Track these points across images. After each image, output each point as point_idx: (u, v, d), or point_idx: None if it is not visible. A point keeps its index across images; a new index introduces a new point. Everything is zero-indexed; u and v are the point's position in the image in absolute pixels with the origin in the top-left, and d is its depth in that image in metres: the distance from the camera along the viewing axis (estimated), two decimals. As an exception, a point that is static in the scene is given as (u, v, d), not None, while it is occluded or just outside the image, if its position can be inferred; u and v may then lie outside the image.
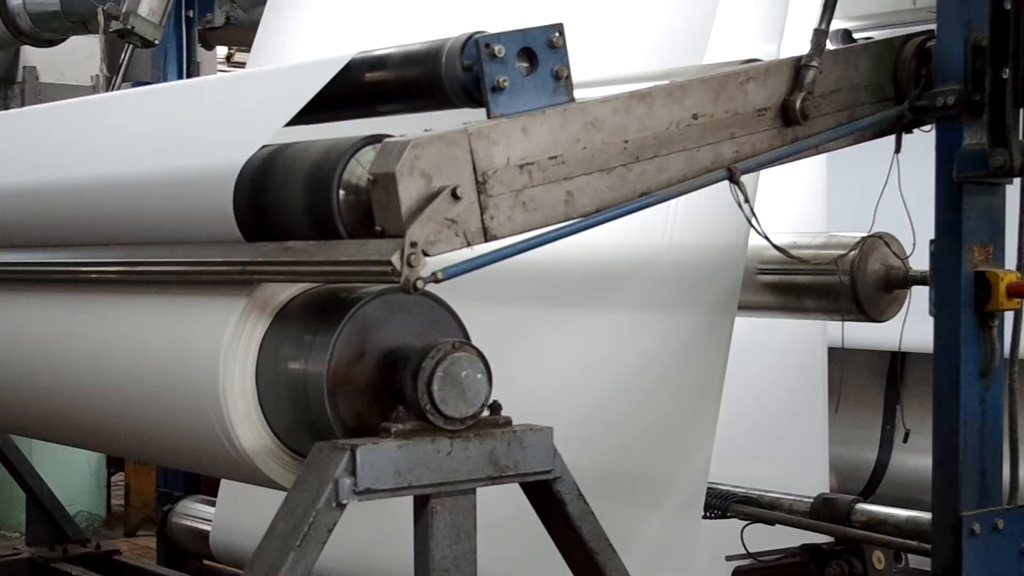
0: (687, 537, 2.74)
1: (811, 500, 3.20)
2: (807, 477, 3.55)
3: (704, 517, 2.94)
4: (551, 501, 2.15)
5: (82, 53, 7.09)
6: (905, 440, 3.53)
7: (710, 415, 2.72)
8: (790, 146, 2.38)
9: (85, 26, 6.40)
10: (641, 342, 2.83)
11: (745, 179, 2.31)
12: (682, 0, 2.82)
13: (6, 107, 7.11)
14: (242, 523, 3.50)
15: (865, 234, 3.13)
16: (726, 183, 2.29)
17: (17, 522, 6.43)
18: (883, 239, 3.14)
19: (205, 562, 3.97)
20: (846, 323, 3.15)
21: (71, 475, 6.75)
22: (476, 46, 2.07)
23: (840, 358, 3.67)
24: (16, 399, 2.77)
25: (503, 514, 2.25)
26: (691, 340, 2.77)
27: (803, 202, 3.59)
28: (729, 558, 3.15)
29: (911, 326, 3.15)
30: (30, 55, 7.25)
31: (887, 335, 3.24)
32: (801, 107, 2.35)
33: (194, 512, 4.04)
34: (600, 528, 2.18)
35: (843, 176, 3.72)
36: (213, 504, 3.82)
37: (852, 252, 3.11)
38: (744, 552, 3.15)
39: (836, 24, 2.56)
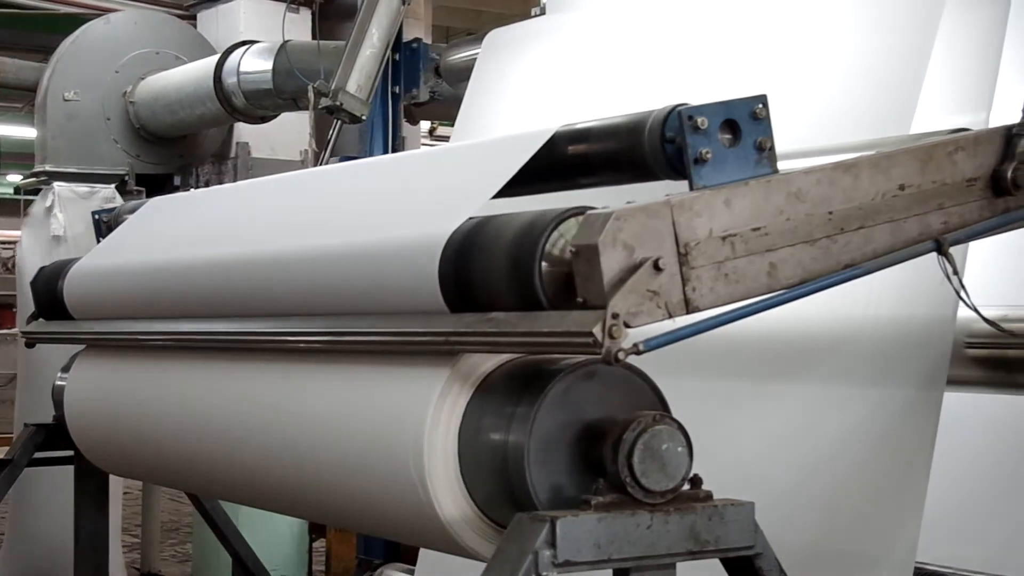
0: (893, 618, 2.66)
1: (1024, 583, 3.09)
2: (1018, 558, 3.43)
3: (911, 598, 2.85)
4: (753, 578, 2.12)
5: (292, 129, 7.33)
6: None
7: (917, 493, 2.65)
8: (1001, 217, 2.32)
9: (296, 103, 6.63)
10: (844, 417, 2.77)
11: (953, 251, 2.26)
12: (889, 70, 2.78)
13: (220, 181, 7.37)
14: (441, 592, 3.52)
15: (1080, 308, 3.03)
16: (933, 255, 2.24)
17: (223, 585, 6.59)
18: (1101, 313, 3.03)
19: (403, 630, 4.01)
20: (1061, 400, 3.05)
21: (274, 540, 6.89)
22: (679, 118, 2.07)
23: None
24: (221, 465, 2.84)
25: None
26: (897, 415, 2.70)
27: (1013, 274, 3.50)
28: (937, 642, 3.06)
29: None
30: (243, 131, 7.52)
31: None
32: (1013, 177, 2.29)
33: (394, 580, 4.09)
34: (803, 607, 2.14)
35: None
36: (412, 572, 3.85)
37: (1067, 326, 3.01)
38: (953, 636, 3.06)
39: (1049, 92, 2.50)
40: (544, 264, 2.05)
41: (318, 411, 2.48)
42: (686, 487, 2.08)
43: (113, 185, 7.35)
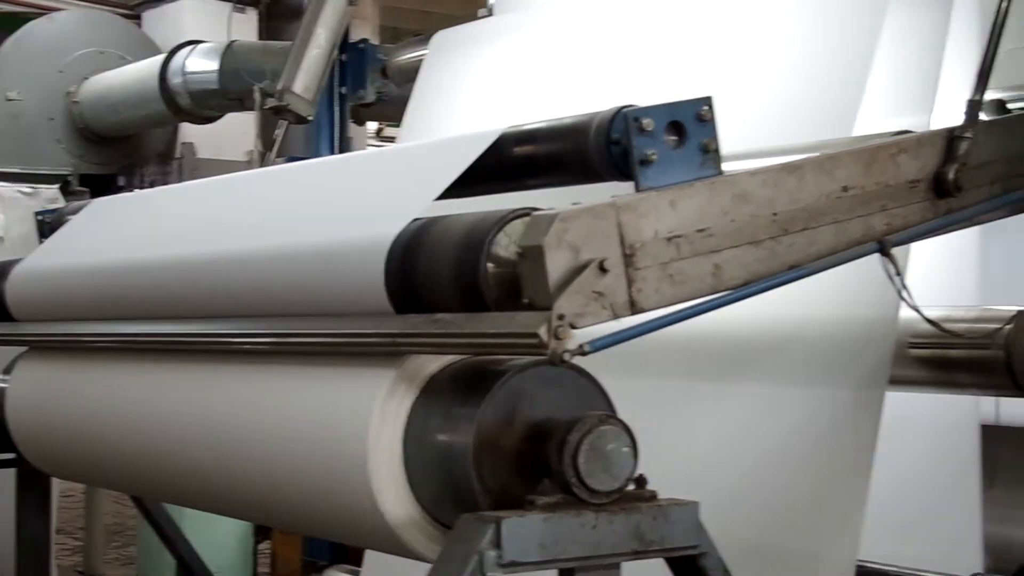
0: (836, 617, 2.68)
1: (964, 581, 3.12)
2: (959, 556, 3.47)
3: (853, 597, 2.87)
4: (697, 577, 2.13)
5: (237, 129, 7.30)
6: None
7: (859, 492, 2.67)
8: (943, 218, 2.34)
9: (242, 103, 6.61)
10: (787, 417, 2.79)
11: (896, 252, 2.28)
12: (832, 71, 2.80)
13: (165, 182, 7.32)
14: (387, 594, 3.51)
15: (1021, 308, 3.06)
16: (876, 256, 2.26)
17: (167, 588, 6.54)
18: (1040, 313, 3.07)
19: (350, 632, 4.00)
20: (1001, 399, 3.08)
21: (219, 543, 6.85)
22: (625, 120, 2.08)
23: (994, 435, 3.58)
24: (166, 468, 2.82)
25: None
26: (840, 415, 2.72)
27: (955, 274, 3.53)
28: (880, 639, 3.09)
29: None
30: (188, 132, 7.48)
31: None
32: (955, 179, 2.32)
33: (339, 582, 4.07)
34: (748, 606, 2.15)
35: (998, 248, 3.65)
36: (358, 574, 3.84)
37: (1008, 326, 3.05)
38: (895, 633, 3.08)
39: (990, 95, 2.52)
40: (490, 265, 2.04)
41: (263, 413, 2.47)
42: (631, 487, 2.08)
43: (56, 186, 7.28)
